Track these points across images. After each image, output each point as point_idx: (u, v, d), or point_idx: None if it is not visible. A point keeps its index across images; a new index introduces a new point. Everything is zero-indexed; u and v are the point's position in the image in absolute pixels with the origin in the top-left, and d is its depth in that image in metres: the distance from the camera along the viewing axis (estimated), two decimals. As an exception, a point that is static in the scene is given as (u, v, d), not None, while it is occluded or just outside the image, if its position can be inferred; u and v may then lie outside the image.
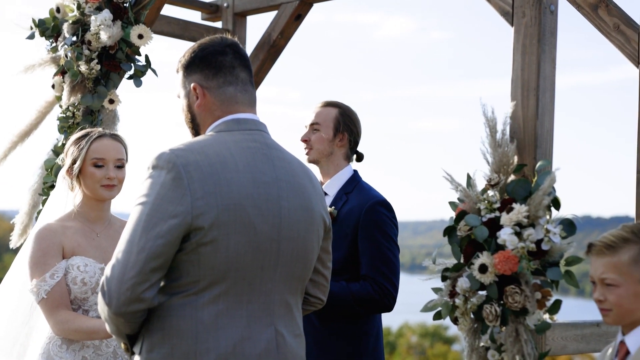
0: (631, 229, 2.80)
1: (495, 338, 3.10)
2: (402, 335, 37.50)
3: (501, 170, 3.20)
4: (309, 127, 4.38)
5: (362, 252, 4.15)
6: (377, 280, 4.11)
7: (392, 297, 4.16)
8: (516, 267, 3.00)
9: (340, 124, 4.35)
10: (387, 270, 4.13)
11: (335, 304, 4.08)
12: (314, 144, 4.34)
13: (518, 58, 3.33)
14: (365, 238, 4.15)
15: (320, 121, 4.34)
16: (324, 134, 4.33)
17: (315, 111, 4.40)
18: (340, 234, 4.18)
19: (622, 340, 2.83)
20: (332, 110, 4.36)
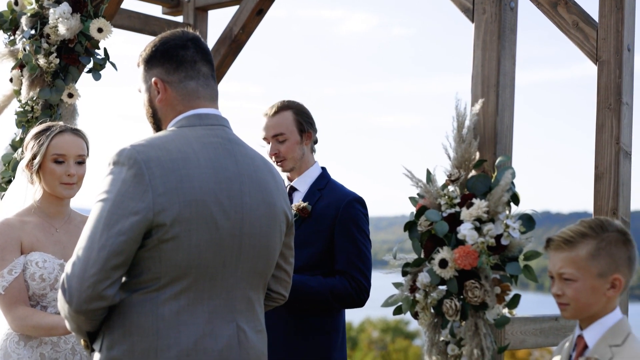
0: (589, 224, 2.82)
1: (455, 332, 3.12)
2: (363, 330, 37.59)
3: (462, 165, 3.22)
4: (272, 140, 4.33)
5: (338, 248, 4.18)
6: (354, 276, 4.15)
7: (367, 293, 4.21)
8: (476, 262, 3.02)
9: (302, 123, 4.34)
10: (363, 266, 4.18)
11: (313, 298, 4.11)
12: (285, 154, 4.31)
13: (478, 54, 3.35)
14: (342, 234, 4.18)
15: (284, 130, 4.30)
16: (292, 141, 4.31)
17: (271, 122, 4.33)
18: (316, 230, 4.20)
19: (580, 334, 2.86)
20: (288, 115, 4.32)
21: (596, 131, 4.04)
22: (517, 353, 27.60)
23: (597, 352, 2.76)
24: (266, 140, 4.35)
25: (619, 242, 2.80)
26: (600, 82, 4.04)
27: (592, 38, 4.05)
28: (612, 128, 3.98)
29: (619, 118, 3.97)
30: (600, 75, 4.05)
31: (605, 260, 2.76)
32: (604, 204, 3.97)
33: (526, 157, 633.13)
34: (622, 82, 3.99)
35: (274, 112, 4.32)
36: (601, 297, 2.78)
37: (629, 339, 2.77)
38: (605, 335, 2.79)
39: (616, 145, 3.97)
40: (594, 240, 2.78)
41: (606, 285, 2.78)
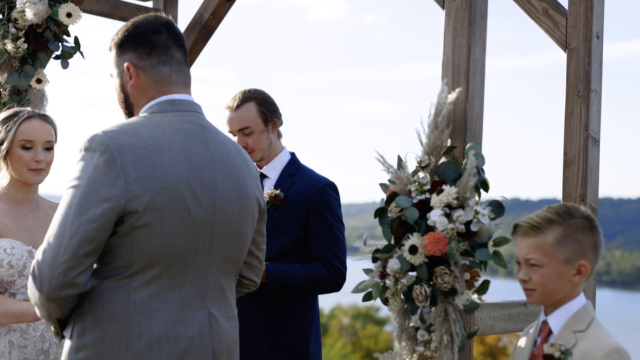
0: (556, 211, 2.84)
1: (424, 318, 3.13)
2: (334, 316, 37.68)
3: (433, 152, 3.22)
4: (238, 133, 4.31)
5: (313, 234, 4.19)
6: (330, 261, 4.18)
7: (343, 277, 4.24)
8: (446, 248, 3.03)
9: (266, 113, 4.32)
10: (338, 251, 4.21)
11: (292, 286, 4.13)
12: (253, 146, 4.30)
13: (449, 41, 3.36)
14: (316, 220, 4.19)
15: (248, 123, 4.28)
16: (258, 132, 4.30)
17: (235, 116, 4.30)
18: (290, 216, 4.21)
19: (544, 320, 2.88)
20: (250, 106, 4.30)
21: (565, 118, 4.06)
22: (487, 339, 27.80)
23: (561, 337, 2.79)
24: (232, 133, 4.34)
25: (585, 229, 2.82)
26: (570, 70, 4.06)
27: (561, 25, 4.07)
28: (581, 115, 4.01)
29: (587, 105, 3.99)
30: (569, 62, 4.07)
31: (571, 247, 2.78)
32: (573, 190, 3.99)
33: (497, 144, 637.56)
34: (591, 70, 4.01)
35: (237, 105, 4.30)
36: (567, 283, 2.81)
37: (593, 324, 2.80)
38: (570, 321, 2.81)
39: (585, 132, 3.99)
40: (561, 226, 2.80)
41: (572, 271, 2.80)
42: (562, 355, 2.72)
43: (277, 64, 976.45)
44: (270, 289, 4.09)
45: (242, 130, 4.28)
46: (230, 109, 4.32)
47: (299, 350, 4.29)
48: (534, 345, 2.90)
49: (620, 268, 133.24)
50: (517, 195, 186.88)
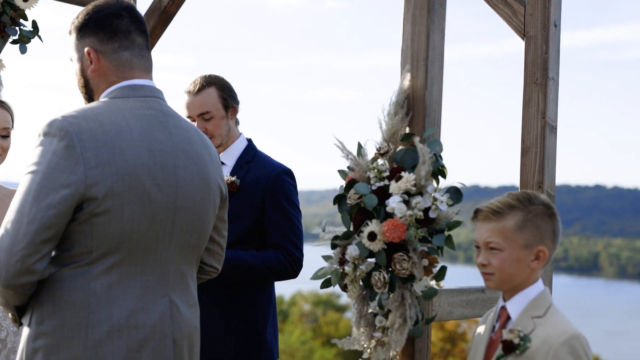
0: (517, 197, 2.88)
1: (383, 304, 3.14)
2: (294, 303, 37.73)
3: (392, 139, 3.23)
4: (198, 118, 4.29)
5: (269, 221, 4.18)
6: (287, 248, 4.17)
7: (300, 264, 4.23)
8: (404, 235, 3.04)
9: (226, 99, 4.31)
10: (295, 238, 4.20)
11: (249, 272, 4.12)
12: (213, 132, 4.28)
13: (408, 28, 3.36)
14: (273, 206, 4.19)
15: (209, 108, 4.26)
16: (218, 118, 4.28)
17: (194, 101, 4.27)
18: (246, 203, 4.20)
19: (503, 305, 2.92)
20: (211, 92, 4.28)
21: (523, 106, 4.09)
22: (446, 325, 28.00)
23: (519, 323, 2.82)
24: (191, 118, 4.32)
25: (544, 215, 2.86)
26: (528, 58, 4.09)
27: (519, 13, 4.09)
28: (538, 103, 4.04)
29: (545, 93, 4.02)
30: (527, 50, 4.09)
31: (531, 232, 2.82)
32: (530, 177, 4.03)
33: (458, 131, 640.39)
34: (549, 58, 4.04)
35: (198, 90, 4.27)
36: (525, 268, 2.84)
37: (550, 310, 2.84)
38: (528, 307, 2.84)
39: (542, 119, 4.03)
40: (521, 212, 2.83)
41: (531, 256, 2.84)
42: (521, 341, 2.75)
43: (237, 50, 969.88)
44: (225, 276, 4.08)
45: (202, 115, 4.26)
46: (191, 93, 4.29)
47: (257, 338, 4.28)
48: (492, 331, 2.93)
49: (578, 254, 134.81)
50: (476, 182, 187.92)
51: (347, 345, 3.20)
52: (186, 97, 4.31)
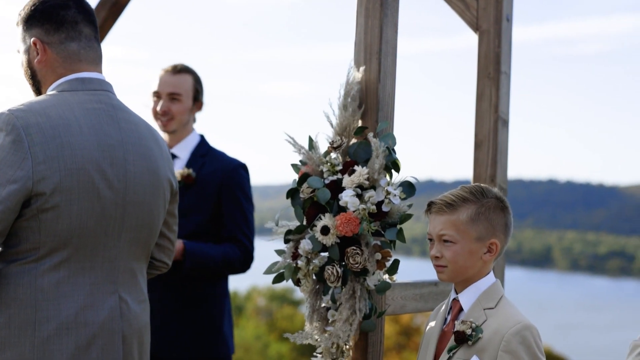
0: (470, 190, 2.91)
1: (336, 298, 3.14)
2: (250, 298, 37.69)
3: (345, 133, 3.22)
4: (166, 97, 4.28)
5: (226, 214, 4.21)
6: (242, 242, 4.21)
7: (252, 259, 4.28)
8: (357, 229, 3.04)
9: (198, 91, 4.35)
10: (249, 232, 4.24)
11: (209, 265, 4.12)
12: (175, 114, 4.28)
13: (361, 21, 3.35)
14: (229, 200, 4.21)
15: (182, 91, 4.28)
16: (186, 105, 4.30)
17: (170, 80, 4.30)
18: (202, 197, 4.21)
19: (455, 298, 2.94)
20: (188, 78, 4.33)
21: (476, 100, 4.11)
22: (400, 318, 28.15)
23: (471, 315, 2.85)
24: (158, 95, 4.31)
25: (497, 208, 2.90)
26: (481, 52, 4.11)
27: (472, 7, 4.11)
28: (491, 97, 4.06)
29: (497, 87, 4.05)
30: (480, 44, 4.11)
31: (484, 225, 2.85)
32: (483, 171, 4.05)
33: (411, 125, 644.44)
34: (501, 52, 4.06)
35: (177, 71, 4.32)
36: (478, 260, 2.87)
37: (502, 301, 2.87)
38: (480, 299, 2.88)
39: (495, 113, 4.05)
40: (475, 205, 2.86)
41: (483, 249, 2.87)
42: (473, 332, 2.78)
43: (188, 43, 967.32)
44: (187, 268, 4.07)
45: (172, 94, 4.28)
46: (169, 72, 4.33)
47: (214, 333, 4.28)
48: (444, 323, 2.95)
49: (531, 247, 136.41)
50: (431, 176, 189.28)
51: (299, 340, 3.19)
52: (162, 73, 4.33)
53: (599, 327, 67.77)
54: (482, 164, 4.06)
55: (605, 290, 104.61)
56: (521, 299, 50.29)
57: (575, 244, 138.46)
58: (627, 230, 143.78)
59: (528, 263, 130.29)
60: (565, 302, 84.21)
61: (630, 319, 69.44)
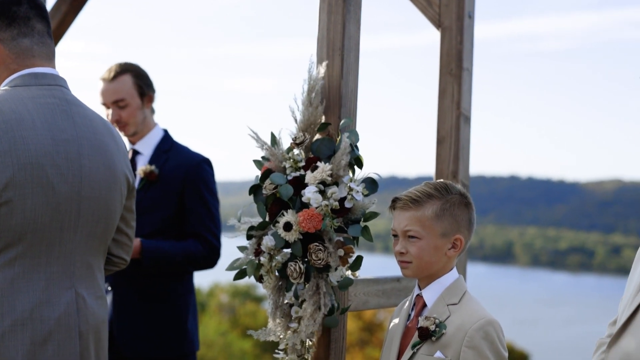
0: (434, 186, 2.92)
1: (298, 295, 3.14)
2: (212, 295, 37.58)
3: (308, 129, 3.22)
4: (113, 105, 4.24)
5: (190, 210, 4.18)
6: (206, 238, 4.19)
7: (218, 254, 4.25)
8: (320, 225, 3.03)
9: (142, 87, 4.28)
10: (214, 227, 4.21)
11: (168, 261, 4.10)
12: (128, 120, 4.25)
13: (324, 18, 3.34)
14: (193, 196, 4.19)
15: (124, 95, 4.23)
16: (134, 106, 4.25)
17: (109, 88, 4.24)
18: (166, 192, 4.18)
19: (419, 293, 2.95)
20: (127, 79, 4.25)
21: (438, 96, 4.12)
22: (364, 314, 28.23)
23: (435, 310, 2.86)
24: (105, 105, 4.26)
25: (461, 205, 2.92)
26: (443, 48, 4.12)
27: (435, 4, 4.12)
28: (453, 93, 4.07)
29: (459, 83, 4.06)
30: (442, 41, 4.12)
31: (448, 221, 2.87)
32: (445, 167, 4.06)
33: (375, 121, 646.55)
34: (463, 49, 4.07)
35: (113, 77, 4.24)
36: (442, 256, 2.88)
37: (465, 297, 2.89)
38: (443, 295, 2.89)
39: (457, 110, 4.06)
40: (439, 201, 2.88)
41: (448, 244, 2.88)
42: (437, 327, 2.79)
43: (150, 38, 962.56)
44: (145, 266, 4.05)
45: (116, 103, 4.22)
46: (106, 80, 4.25)
47: (179, 329, 4.27)
48: (407, 319, 2.96)
49: (493, 243, 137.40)
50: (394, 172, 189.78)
51: (262, 337, 3.18)
52: (101, 84, 4.27)
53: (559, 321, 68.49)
54: (444, 160, 4.07)
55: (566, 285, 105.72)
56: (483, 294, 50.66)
57: (536, 239, 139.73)
58: (587, 226, 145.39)
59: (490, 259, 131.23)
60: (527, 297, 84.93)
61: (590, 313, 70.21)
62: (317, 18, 3.38)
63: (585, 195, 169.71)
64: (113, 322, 4.14)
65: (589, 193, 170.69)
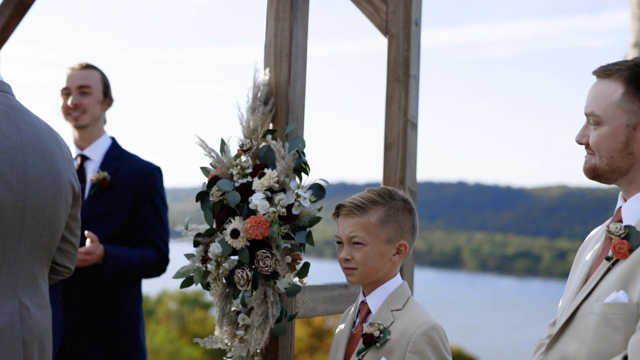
0: (378, 192, 2.94)
1: (246, 302, 3.12)
2: (160, 302, 37.28)
3: (254, 135, 3.21)
4: (77, 90, 4.25)
5: (142, 218, 4.20)
6: (159, 246, 4.21)
7: (168, 262, 4.26)
8: (267, 232, 3.03)
9: (107, 86, 4.36)
10: (165, 235, 4.25)
11: (128, 268, 4.10)
12: (87, 107, 4.26)
13: (271, 24, 3.34)
14: (146, 204, 4.20)
15: (91, 83, 4.29)
16: (96, 97, 4.30)
17: (78, 73, 4.31)
18: (118, 200, 4.18)
19: (363, 300, 2.96)
20: (97, 74, 4.37)
21: (386, 103, 4.14)
22: (313, 321, 28.22)
23: (379, 317, 2.87)
24: (67, 90, 4.27)
25: (404, 210, 2.94)
26: (390, 55, 4.14)
27: (382, 11, 4.14)
28: (400, 100, 4.09)
29: (407, 90, 4.08)
30: (390, 48, 4.14)
31: (393, 227, 2.88)
32: (393, 173, 4.08)
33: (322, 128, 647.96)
34: (410, 56, 4.10)
35: (84, 67, 4.33)
36: (387, 262, 2.90)
37: (409, 303, 2.91)
38: (387, 301, 2.90)
39: (404, 116, 4.08)
40: (384, 207, 2.89)
41: (392, 250, 2.90)
42: (381, 334, 2.80)
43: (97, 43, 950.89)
44: (108, 273, 4.04)
45: (82, 88, 4.27)
46: (75, 68, 4.36)
47: (131, 336, 4.25)
48: (353, 326, 2.96)
49: (441, 248, 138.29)
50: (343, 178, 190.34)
51: (209, 345, 3.16)
52: (69, 71, 4.32)
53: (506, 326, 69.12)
54: (392, 166, 4.09)
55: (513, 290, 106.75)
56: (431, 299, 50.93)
57: (483, 245, 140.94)
58: (534, 231, 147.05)
59: (438, 264, 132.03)
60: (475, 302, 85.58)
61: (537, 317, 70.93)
62: (265, 24, 3.37)
63: (532, 201, 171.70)
64: (64, 330, 4.10)
65: (535, 199, 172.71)
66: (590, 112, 2.55)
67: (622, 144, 2.50)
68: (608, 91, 2.52)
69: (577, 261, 2.77)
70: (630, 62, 2.51)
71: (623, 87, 2.49)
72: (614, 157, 2.51)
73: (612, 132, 2.50)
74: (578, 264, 2.75)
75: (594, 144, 2.54)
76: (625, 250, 2.44)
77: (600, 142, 2.52)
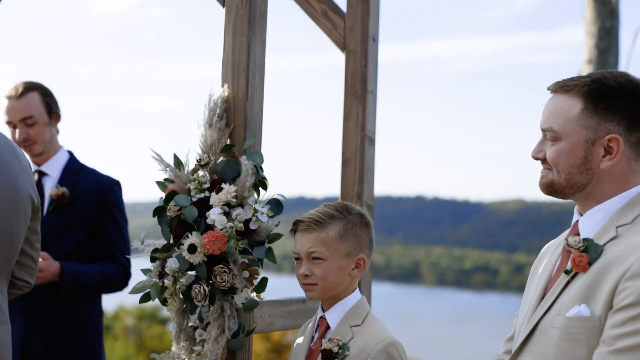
0: (335, 207, 2.94)
1: (203, 317, 3.11)
2: (117, 318, 36.91)
3: (212, 150, 3.21)
4: (20, 124, 4.18)
5: (103, 233, 4.17)
6: (119, 260, 4.19)
7: (129, 276, 4.23)
8: (225, 247, 3.02)
9: (50, 104, 4.26)
10: (126, 250, 4.23)
11: (87, 284, 4.07)
12: (36, 138, 4.19)
13: (229, 39, 3.35)
14: (106, 218, 4.18)
15: (33, 112, 4.18)
16: (42, 124, 4.21)
17: (17, 105, 4.18)
18: (78, 215, 4.15)
19: (322, 316, 2.96)
20: (35, 96, 4.21)
21: (343, 118, 4.16)
22: (272, 336, 28.12)
23: (338, 332, 2.87)
24: (11, 124, 4.19)
25: (362, 224, 2.95)
26: (348, 71, 4.17)
27: (340, 27, 4.16)
28: (357, 115, 4.12)
29: (364, 105, 4.11)
30: (347, 63, 4.17)
31: (351, 241, 2.89)
32: (350, 188, 4.10)
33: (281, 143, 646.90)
34: (368, 71, 4.13)
35: (21, 94, 4.18)
36: (346, 276, 2.90)
37: (368, 318, 2.91)
38: (346, 316, 2.90)
39: (362, 132, 4.11)
40: (342, 221, 2.90)
41: (351, 265, 2.91)
42: (340, 349, 2.80)
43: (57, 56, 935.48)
44: (64, 289, 4.00)
45: (24, 120, 4.17)
46: (12, 98, 4.19)
47: (92, 351, 4.23)
48: (311, 341, 2.96)
49: (399, 263, 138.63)
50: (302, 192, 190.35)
51: (165, 361, 3.14)
52: (7, 102, 4.20)
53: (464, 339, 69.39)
54: (350, 181, 4.11)
55: (471, 304, 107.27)
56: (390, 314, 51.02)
57: (442, 259, 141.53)
58: (491, 245, 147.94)
59: (396, 278, 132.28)
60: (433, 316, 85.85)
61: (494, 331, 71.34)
62: (222, 40, 3.37)
63: (489, 215, 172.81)
64: (24, 346, 4.05)
65: (492, 213, 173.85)
66: (548, 127, 2.55)
67: (580, 159, 2.51)
68: (566, 107, 2.53)
69: (533, 275, 2.78)
70: (587, 77, 2.53)
71: (582, 103, 2.50)
72: (573, 173, 2.52)
73: (571, 148, 2.52)
74: (533, 277, 2.76)
75: (552, 160, 2.55)
76: (585, 263, 2.44)
77: (558, 157, 2.53)
